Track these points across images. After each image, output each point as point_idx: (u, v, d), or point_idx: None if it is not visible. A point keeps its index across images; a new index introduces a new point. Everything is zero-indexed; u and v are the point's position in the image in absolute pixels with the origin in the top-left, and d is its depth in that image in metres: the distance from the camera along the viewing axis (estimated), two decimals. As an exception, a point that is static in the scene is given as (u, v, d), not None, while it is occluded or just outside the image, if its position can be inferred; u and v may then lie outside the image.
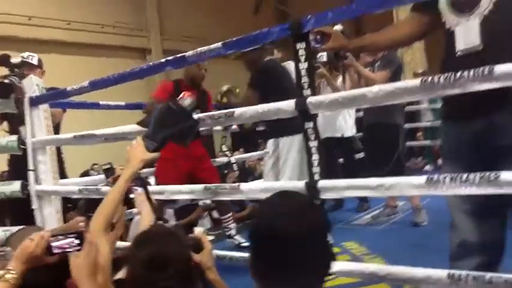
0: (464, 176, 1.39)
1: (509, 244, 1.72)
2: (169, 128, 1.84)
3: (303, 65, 1.75)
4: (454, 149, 1.77)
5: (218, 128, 4.22)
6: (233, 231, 4.04)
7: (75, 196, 2.76)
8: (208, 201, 5.20)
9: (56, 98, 2.98)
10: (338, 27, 2.01)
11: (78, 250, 1.42)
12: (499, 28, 1.55)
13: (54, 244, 1.43)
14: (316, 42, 1.88)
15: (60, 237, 1.44)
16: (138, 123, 2.03)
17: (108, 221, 1.58)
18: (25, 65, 3.41)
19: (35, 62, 3.66)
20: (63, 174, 3.48)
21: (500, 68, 1.31)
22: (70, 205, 3.72)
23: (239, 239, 4.01)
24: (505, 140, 1.57)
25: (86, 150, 5.76)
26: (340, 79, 4.53)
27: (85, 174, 5.76)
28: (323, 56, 3.72)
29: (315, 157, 1.76)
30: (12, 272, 1.36)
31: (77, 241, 1.43)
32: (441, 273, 1.46)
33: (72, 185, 2.92)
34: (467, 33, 1.61)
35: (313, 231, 1.09)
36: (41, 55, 3.78)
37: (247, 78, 3.59)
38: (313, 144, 1.76)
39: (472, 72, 1.36)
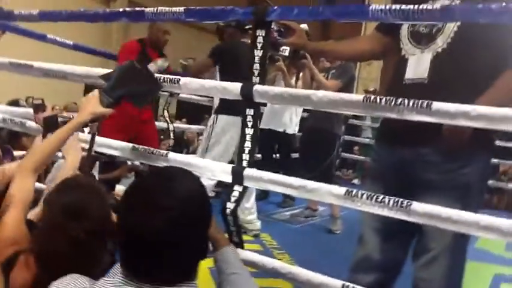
0: (380, 197, 1.45)
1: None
2: (128, 86, 1.79)
3: (258, 53, 1.74)
4: (379, 170, 1.85)
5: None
6: None
7: (-4, 124, 2.62)
8: (137, 163, 5.13)
9: (1, 18, 2.80)
10: (303, 26, 2.02)
11: None
12: (446, 67, 1.62)
13: None
14: (278, 34, 1.89)
15: None
16: (101, 77, 1.94)
17: (42, 163, 1.56)
18: None
19: None
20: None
21: (438, 105, 1.36)
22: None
23: None
24: (426, 173, 1.65)
25: (23, 81, 5.50)
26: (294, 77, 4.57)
27: (14, 103, 5.43)
28: (286, 50, 3.72)
29: (247, 144, 1.76)
30: None
31: None
32: (336, 282, 1.52)
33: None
34: (418, 65, 1.68)
35: (178, 225, 1.01)
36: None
37: (208, 48, 3.60)
38: (249, 131, 1.76)
39: (412, 102, 1.41)
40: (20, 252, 1.25)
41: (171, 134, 4.31)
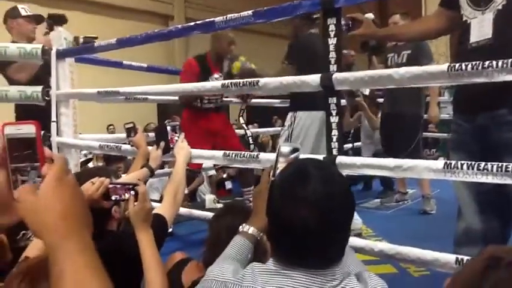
0: (482, 164, 1.42)
1: None
2: None
3: (332, 41, 1.76)
4: (459, 139, 1.84)
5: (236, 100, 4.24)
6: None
7: (95, 151, 2.81)
8: (213, 172, 5.41)
9: (83, 52, 3.01)
10: (369, 15, 2.02)
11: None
12: (510, 23, 1.58)
13: (112, 191, 1.54)
14: (347, 27, 1.90)
15: (118, 186, 1.55)
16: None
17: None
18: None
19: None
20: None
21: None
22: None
23: None
24: (506, 133, 1.63)
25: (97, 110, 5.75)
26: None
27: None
28: (365, 90, 4.05)
29: (335, 132, 1.78)
30: None
31: (132, 192, 1.53)
32: (448, 257, 1.50)
33: (92, 140, 2.96)
34: (481, 26, 1.65)
35: (323, 215, 1.04)
36: (63, 11, 3.58)
37: (276, 54, 3.54)
38: (334, 119, 1.78)
39: (500, 63, 1.37)
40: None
41: (250, 140, 4.36)
